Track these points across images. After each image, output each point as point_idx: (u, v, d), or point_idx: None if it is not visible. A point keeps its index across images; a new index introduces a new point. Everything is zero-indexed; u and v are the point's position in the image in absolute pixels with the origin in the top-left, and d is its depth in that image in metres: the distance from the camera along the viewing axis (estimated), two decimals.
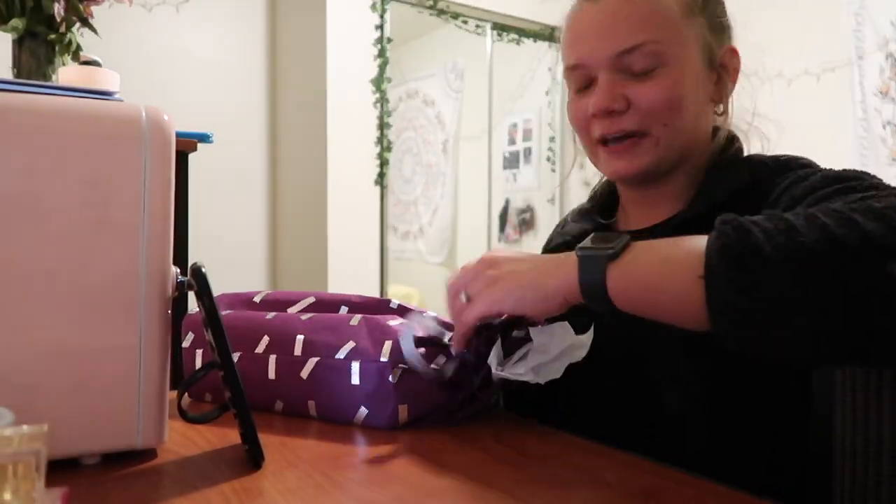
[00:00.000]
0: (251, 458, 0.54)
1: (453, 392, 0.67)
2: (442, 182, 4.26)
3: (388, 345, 0.64)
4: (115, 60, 1.59)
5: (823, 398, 0.64)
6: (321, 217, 3.19)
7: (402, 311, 0.72)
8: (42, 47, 1.31)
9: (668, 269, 0.51)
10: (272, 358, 0.70)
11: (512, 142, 4.32)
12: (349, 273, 3.20)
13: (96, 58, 1.30)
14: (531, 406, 0.74)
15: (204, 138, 1.37)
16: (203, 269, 0.53)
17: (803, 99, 3.20)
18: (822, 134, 2.99)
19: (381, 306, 0.74)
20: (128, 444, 0.54)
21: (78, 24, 1.36)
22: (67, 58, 1.35)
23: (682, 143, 0.74)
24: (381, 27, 3.31)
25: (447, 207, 4.25)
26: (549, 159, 4.09)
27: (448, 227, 4.27)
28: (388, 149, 3.35)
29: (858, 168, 0.65)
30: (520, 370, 0.62)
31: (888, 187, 0.57)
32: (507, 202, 4.35)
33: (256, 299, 0.81)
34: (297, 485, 0.50)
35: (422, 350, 0.65)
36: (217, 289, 0.55)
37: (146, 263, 0.54)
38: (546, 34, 3.83)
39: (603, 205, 0.87)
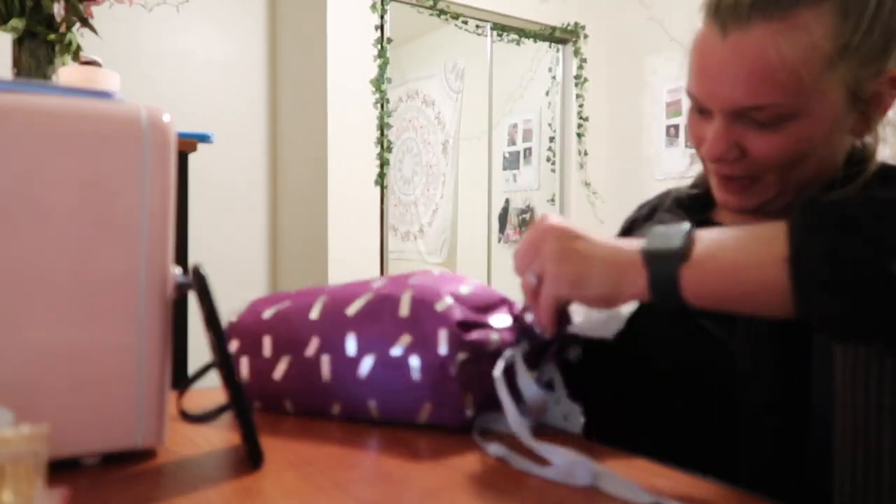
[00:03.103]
0: (251, 458, 0.54)
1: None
2: (442, 182, 4.26)
3: (443, 333, 0.62)
4: (115, 60, 1.59)
5: (823, 398, 0.64)
6: (321, 217, 3.19)
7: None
8: (42, 47, 1.31)
9: (746, 257, 0.49)
10: (325, 359, 0.67)
11: (512, 142, 4.32)
12: (349, 273, 3.20)
13: (96, 58, 1.30)
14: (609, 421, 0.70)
15: (204, 138, 1.37)
16: (203, 270, 0.53)
17: None
18: None
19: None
20: (128, 444, 0.54)
21: (78, 24, 1.36)
22: (67, 58, 1.35)
23: (802, 183, 0.69)
24: (381, 27, 3.31)
25: (447, 208, 4.25)
26: (549, 160, 4.09)
27: (448, 227, 4.27)
28: (388, 149, 3.35)
29: None
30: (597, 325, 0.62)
31: None
32: (507, 202, 4.35)
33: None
34: (297, 485, 0.50)
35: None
36: (217, 289, 0.55)
37: (146, 264, 0.54)
38: (546, 34, 3.82)
39: (704, 194, 0.81)
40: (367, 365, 0.65)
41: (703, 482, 0.52)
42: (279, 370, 0.70)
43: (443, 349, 0.62)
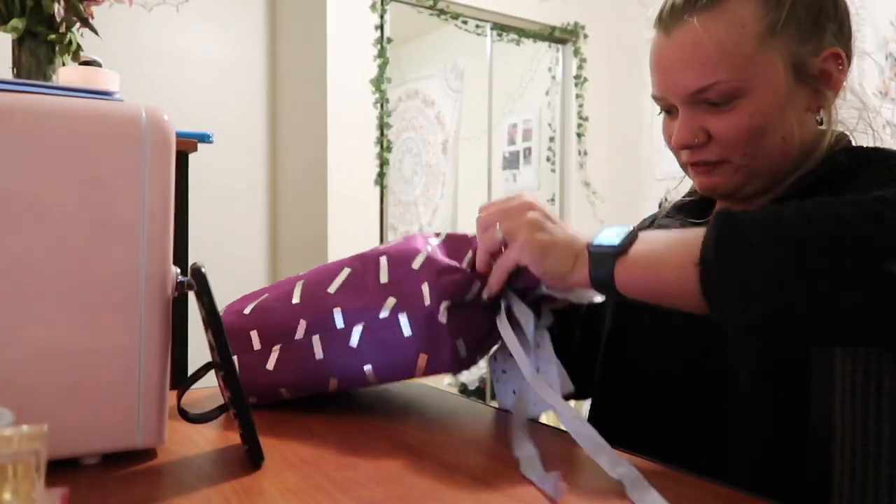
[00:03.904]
0: (251, 458, 0.54)
1: (491, 315, 0.69)
2: (442, 182, 4.25)
3: (426, 287, 0.66)
4: (114, 60, 1.59)
5: (823, 398, 0.64)
6: (321, 217, 3.19)
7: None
8: (42, 47, 1.30)
9: (667, 258, 0.57)
10: (316, 338, 0.70)
11: (512, 142, 4.32)
12: None
13: (96, 58, 1.30)
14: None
15: (204, 138, 1.37)
16: (203, 269, 0.53)
17: None
18: None
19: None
20: (128, 444, 0.54)
21: (78, 24, 1.36)
22: (67, 58, 1.35)
23: (770, 164, 0.74)
24: (381, 27, 3.31)
25: (447, 207, 4.25)
26: (548, 159, 4.09)
27: (448, 227, 4.27)
28: (388, 149, 3.35)
29: None
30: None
31: None
32: None
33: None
34: (297, 485, 0.50)
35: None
36: (217, 289, 0.55)
37: (146, 263, 0.54)
38: (546, 34, 3.82)
39: (700, 200, 0.87)
40: (356, 334, 0.68)
41: (702, 481, 0.52)
42: (272, 360, 0.71)
43: (427, 300, 0.66)
